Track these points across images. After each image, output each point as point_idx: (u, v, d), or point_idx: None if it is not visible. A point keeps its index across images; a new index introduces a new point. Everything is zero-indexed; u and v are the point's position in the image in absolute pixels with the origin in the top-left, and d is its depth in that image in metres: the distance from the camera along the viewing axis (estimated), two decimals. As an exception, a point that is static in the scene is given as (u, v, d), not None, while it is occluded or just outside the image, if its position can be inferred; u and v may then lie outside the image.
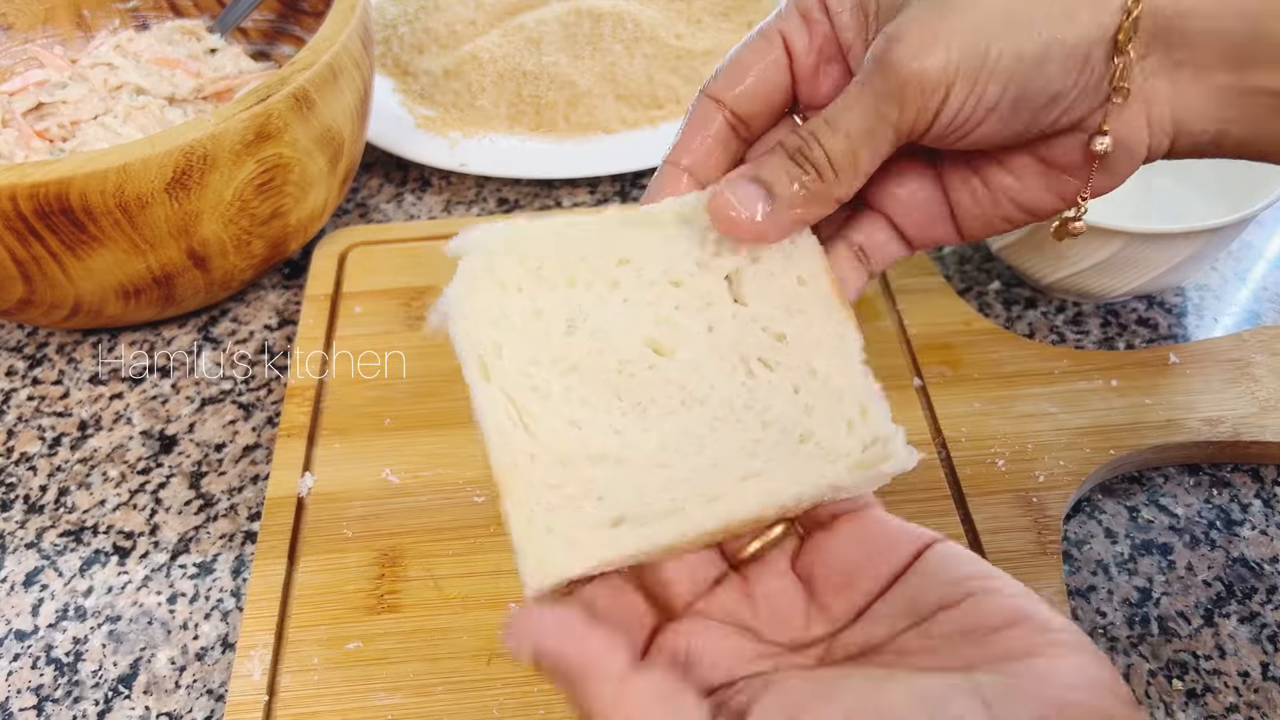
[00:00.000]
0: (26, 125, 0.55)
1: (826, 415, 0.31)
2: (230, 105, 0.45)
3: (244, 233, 0.49)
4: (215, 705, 0.40)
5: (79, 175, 0.42)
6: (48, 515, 0.47)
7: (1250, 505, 0.45)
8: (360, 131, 0.55)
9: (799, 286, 0.33)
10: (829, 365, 0.32)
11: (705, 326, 0.33)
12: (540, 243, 0.34)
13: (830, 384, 0.32)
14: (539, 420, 0.32)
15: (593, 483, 0.31)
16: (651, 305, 0.33)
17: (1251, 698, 0.38)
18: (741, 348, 0.33)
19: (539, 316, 0.33)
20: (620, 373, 0.32)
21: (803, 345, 0.32)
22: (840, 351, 0.32)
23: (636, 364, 0.32)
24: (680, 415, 0.32)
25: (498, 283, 0.33)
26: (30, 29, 0.61)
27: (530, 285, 0.34)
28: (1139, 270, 0.48)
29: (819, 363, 0.32)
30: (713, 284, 0.34)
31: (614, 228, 0.34)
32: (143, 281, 0.48)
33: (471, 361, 0.33)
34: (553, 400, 0.32)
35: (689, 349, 0.33)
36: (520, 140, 0.65)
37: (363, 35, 0.52)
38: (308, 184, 0.51)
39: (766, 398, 0.32)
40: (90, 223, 0.44)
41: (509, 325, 0.33)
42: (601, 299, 0.33)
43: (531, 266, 0.34)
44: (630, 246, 0.34)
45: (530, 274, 0.34)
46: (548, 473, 0.31)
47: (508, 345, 0.33)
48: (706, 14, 0.75)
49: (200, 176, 0.45)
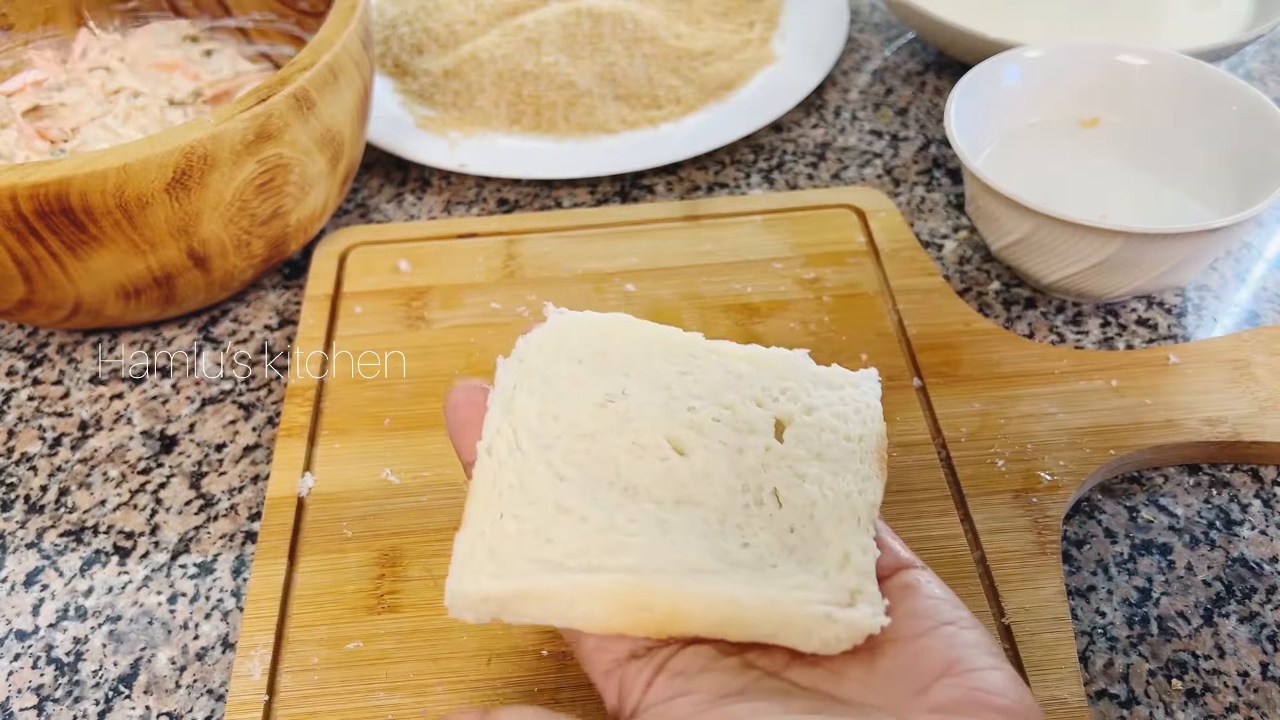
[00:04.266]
0: (28, 125, 0.55)
1: (804, 558, 0.31)
2: (230, 105, 0.45)
3: (244, 233, 0.49)
4: (215, 705, 0.40)
5: (79, 175, 0.42)
6: (48, 515, 0.47)
7: (1250, 505, 0.45)
8: (360, 132, 0.55)
9: (844, 442, 0.34)
10: (827, 514, 0.31)
11: (736, 447, 0.33)
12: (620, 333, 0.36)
13: (822, 531, 0.31)
14: (530, 458, 0.32)
15: (550, 525, 0.31)
16: (691, 411, 0.34)
17: (1251, 697, 0.38)
18: (761, 477, 0.32)
19: (580, 385, 0.34)
20: (629, 454, 0.33)
21: (816, 490, 0.32)
22: (847, 505, 0.32)
23: (650, 452, 0.33)
24: (667, 508, 0.31)
25: (565, 346, 0.36)
26: (30, 29, 0.60)
27: (591, 360, 0.35)
28: (1139, 270, 0.48)
29: (821, 510, 0.32)
30: (760, 419, 0.34)
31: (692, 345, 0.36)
32: (143, 282, 0.48)
33: (503, 392, 0.34)
34: (553, 452, 0.33)
35: (707, 457, 0.33)
36: (520, 140, 0.65)
37: (363, 36, 0.52)
38: (308, 184, 0.51)
39: (759, 526, 0.31)
40: (90, 223, 0.44)
41: (551, 381, 0.35)
42: (647, 391, 0.34)
43: (600, 349, 0.36)
44: (700, 365, 0.36)
45: (597, 353, 0.36)
46: (514, 504, 0.31)
47: (539, 395, 0.34)
48: (706, 14, 0.75)
49: (200, 177, 0.45)
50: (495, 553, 0.30)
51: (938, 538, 0.42)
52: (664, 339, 0.36)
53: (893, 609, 0.29)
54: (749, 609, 0.28)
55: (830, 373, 0.36)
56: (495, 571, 0.30)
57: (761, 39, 0.72)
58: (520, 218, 0.59)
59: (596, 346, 0.36)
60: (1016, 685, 0.27)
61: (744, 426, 0.34)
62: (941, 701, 0.26)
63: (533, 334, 0.36)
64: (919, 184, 0.62)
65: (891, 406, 0.47)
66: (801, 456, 0.33)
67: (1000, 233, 0.51)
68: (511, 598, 0.29)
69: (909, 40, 0.75)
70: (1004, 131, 0.57)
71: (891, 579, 0.30)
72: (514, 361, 0.35)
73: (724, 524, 0.31)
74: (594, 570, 0.29)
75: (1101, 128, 0.58)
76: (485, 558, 0.30)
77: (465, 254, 0.56)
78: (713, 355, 0.36)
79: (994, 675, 0.27)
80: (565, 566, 0.30)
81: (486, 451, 0.33)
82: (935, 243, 0.58)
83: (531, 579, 0.29)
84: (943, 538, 0.42)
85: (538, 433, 0.33)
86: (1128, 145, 0.57)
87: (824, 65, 0.68)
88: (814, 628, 0.28)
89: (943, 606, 0.29)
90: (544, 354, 0.35)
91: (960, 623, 0.29)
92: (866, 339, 0.50)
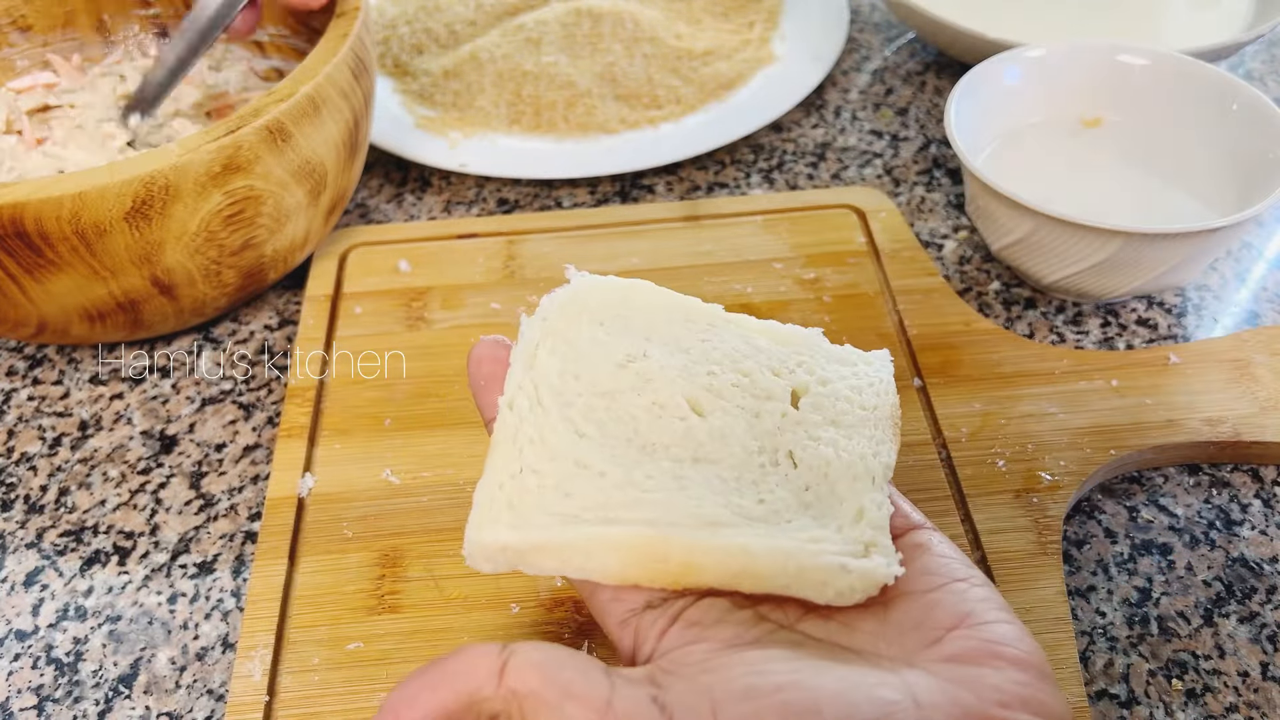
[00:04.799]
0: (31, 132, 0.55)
1: (819, 514, 0.31)
2: (195, 135, 0.44)
3: (212, 263, 0.48)
4: (215, 705, 0.40)
5: (33, 200, 0.41)
6: (48, 515, 0.47)
7: (1250, 505, 0.45)
8: (349, 161, 0.53)
9: (860, 411, 0.34)
10: (842, 473, 0.32)
11: (754, 411, 0.34)
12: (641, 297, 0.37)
13: (836, 489, 0.31)
14: (551, 415, 0.33)
15: (569, 480, 0.31)
16: (710, 375, 0.34)
17: (1251, 698, 0.38)
18: (777, 440, 0.33)
19: (601, 345, 0.35)
20: (648, 413, 0.33)
21: (831, 451, 0.33)
22: (861, 465, 0.32)
23: (669, 412, 0.33)
24: (685, 465, 0.32)
25: (586, 308, 0.36)
26: (49, 31, 0.60)
27: (612, 323, 0.36)
28: (1139, 270, 0.48)
29: (835, 469, 0.32)
30: (777, 387, 0.35)
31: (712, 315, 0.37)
32: (106, 307, 0.47)
33: (526, 349, 0.35)
34: (573, 410, 0.33)
35: (725, 419, 0.33)
36: (520, 140, 0.65)
37: (353, 65, 0.50)
38: (283, 216, 0.49)
39: (775, 484, 0.32)
40: (47, 248, 0.43)
41: (572, 341, 0.35)
42: (667, 354, 0.35)
43: (621, 312, 0.36)
44: (719, 333, 0.36)
45: (618, 316, 0.36)
46: (534, 459, 0.32)
47: (561, 354, 0.34)
48: (706, 14, 0.75)
49: (162, 207, 0.44)
50: (514, 504, 0.31)
51: (938, 538, 0.42)
52: (684, 306, 0.37)
53: (905, 565, 0.29)
54: (763, 560, 0.28)
55: (844, 351, 0.37)
56: (513, 522, 0.30)
57: (761, 39, 0.72)
58: (520, 218, 0.59)
59: (618, 309, 0.36)
60: (1027, 638, 0.27)
61: (761, 393, 0.34)
62: (954, 651, 0.27)
63: (556, 293, 0.36)
64: (919, 184, 0.62)
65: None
66: (817, 422, 0.34)
67: (1000, 233, 0.51)
68: (529, 549, 0.29)
69: (909, 40, 0.75)
70: (1004, 131, 0.57)
71: (904, 538, 0.31)
72: (537, 320, 0.36)
73: (740, 481, 0.32)
74: (611, 523, 0.30)
75: (1102, 128, 0.58)
76: (504, 509, 0.30)
77: (465, 254, 0.56)
78: (731, 325, 0.37)
79: (1005, 628, 0.27)
80: (582, 519, 0.30)
81: (508, 406, 0.33)
82: (935, 243, 0.58)
83: (549, 531, 0.30)
84: (943, 538, 0.42)
85: (559, 390, 0.33)
86: (1128, 145, 0.57)
87: (824, 65, 0.68)
88: (828, 578, 0.28)
89: (954, 564, 0.29)
90: (565, 314, 0.36)
91: (971, 580, 0.29)
92: (867, 339, 0.50)
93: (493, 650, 0.26)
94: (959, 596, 0.28)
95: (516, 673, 0.26)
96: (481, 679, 0.26)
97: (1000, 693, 0.25)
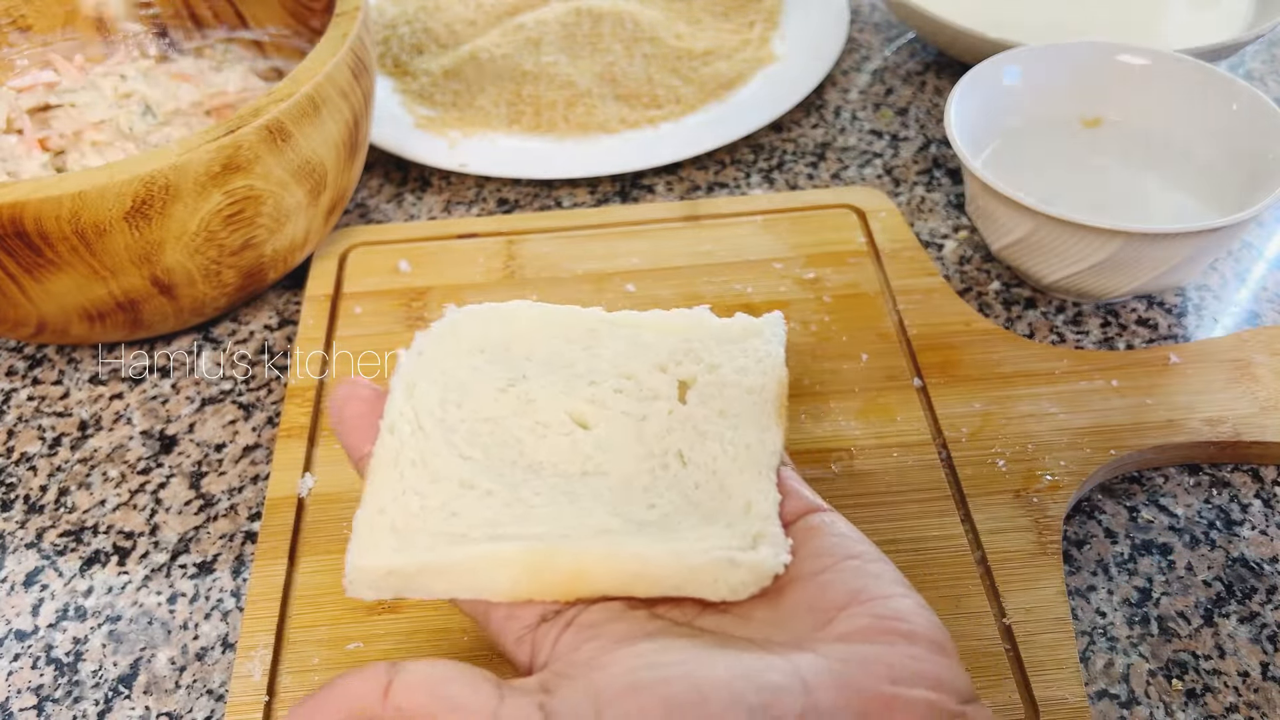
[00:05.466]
0: (32, 132, 0.55)
1: (709, 511, 0.31)
2: (196, 135, 0.44)
3: (212, 263, 0.48)
4: (215, 705, 0.40)
5: (33, 200, 0.41)
6: (48, 515, 0.47)
7: (1250, 505, 0.45)
8: (349, 161, 0.53)
9: (746, 395, 0.34)
10: (729, 467, 0.32)
11: (640, 415, 0.34)
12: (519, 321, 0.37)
13: (725, 484, 0.31)
14: (433, 439, 0.32)
15: (454, 500, 0.31)
16: (593, 386, 0.34)
17: (1251, 698, 0.38)
18: (666, 441, 0.33)
19: (480, 373, 0.35)
20: (533, 434, 0.33)
21: (717, 446, 0.32)
22: (747, 456, 0.32)
23: (553, 430, 0.33)
24: (574, 480, 0.32)
25: (464, 339, 0.36)
26: (49, 31, 0.60)
27: (491, 350, 0.36)
28: (1139, 270, 0.48)
29: (722, 464, 0.32)
30: (664, 384, 0.35)
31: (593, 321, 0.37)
32: (106, 306, 0.47)
33: (405, 379, 0.34)
34: (456, 435, 0.33)
35: (611, 429, 0.33)
36: (520, 140, 0.65)
37: (353, 65, 0.50)
38: (283, 216, 0.49)
39: (665, 487, 0.32)
40: (47, 247, 0.43)
41: (451, 372, 0.35)
42: (548, 372, 0.35)
43: (500, 338, 0.36)
44: (601, 339, 0.36)
45: (498, 343, 0.36)
46: (417, 481, 0.31)
47: (440, 384, 0.34)
48: (706, 14, 0.75)
49: (162, 206, 0.44)
50: (398, 528, 0.30)
51: (938, 538, 0.42)
52: (565, 319, 0.37)
53: (797, 549, 0.29)
54: (654, 562, 0.28)
55: (732, 325, 0.37)
56: (398, 545, 0.30)
57: (761, 39, 0.72)
58: (520, 218, 0.59)
59: (497, 336, 0.36)
60: (923, 611, 0.27)
61: (647, 394, 0.34)
62: (846, 630, 0.26)
63: (432, 328, 0.36)
64: (919, 184, 0.62)
65: (892, 406, 0.47)
66: (704, 415, 0.33)
67: (1000, 233, 0.51)
68: (416, 571, 0.29)
69: (909, 40, 0.75)
70: (1004, 131, 0.57)
71: (798, 523, 0.31)
72: (414, 354, 0.35)
73: (630, 489, 0.32)
74: (500, 540, 0.29)
75: (1102, 128, 0.58)
76: (387, 532, 0.30)
77: (465, 254, 0.56)
78: (616, 328, 0.36)
79: (900, 602, 0.27)
80: (470, 538, 0.30)
81: (389, 430, 0.33)
82: (935, 243, 0.58)
83: (436, 551, 0.29)
84: (943, 538, 0.42)
85: (440, 417, 0.33)
86: (1128, 145, 0.57)
87: (824, 65, 0.68)
88: (719, 574, 0.28)
89: (847, 542, 0.29)
90: (443, 347, 0.36)
91: (864, 556, 0.29)
92: (867, 339, 0.50)
93: (381, 669, 0.26)
94: (851, 574, 0.28)
95: (403, 690, 0.26)
96: (369, 698, 0.26)
97: (892, 669, 0.25)
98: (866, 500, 0.43)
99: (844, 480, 0.44)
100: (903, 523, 0.42)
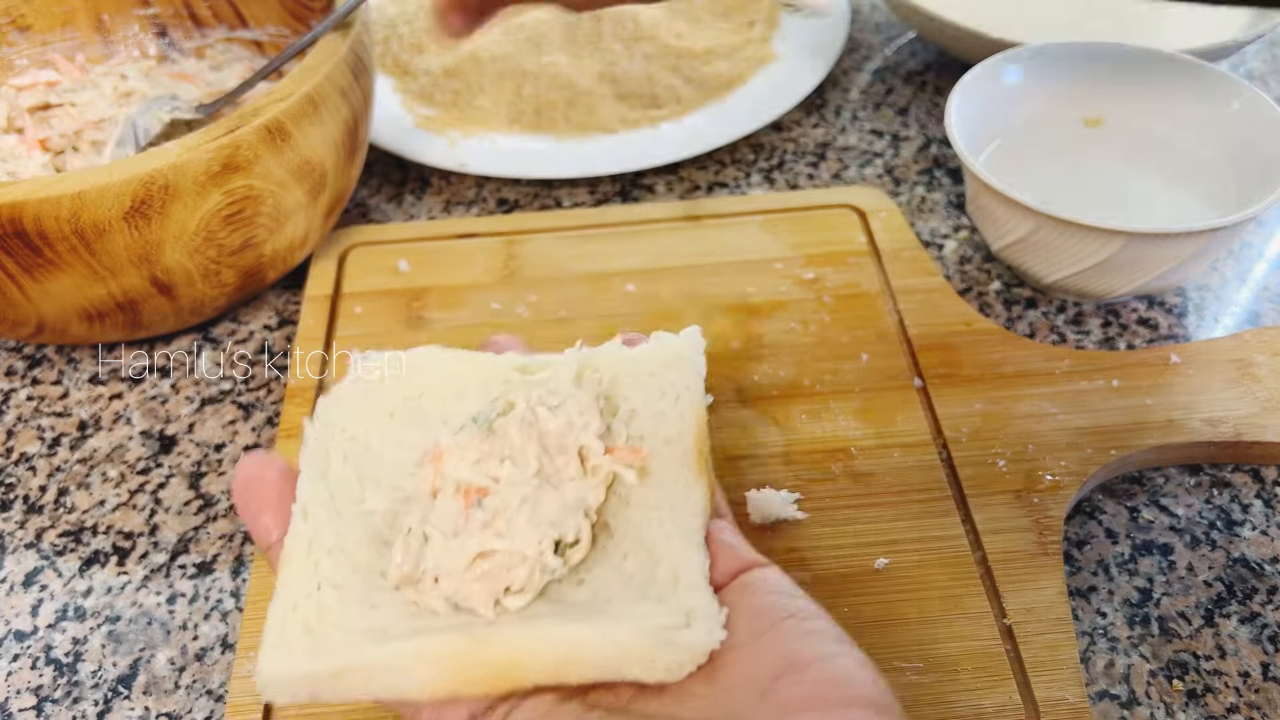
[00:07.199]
0: (33, 132, 0.55)
1: (640, 584, 0.29)
2: (195, 135, 0.44)
3: (211, 263, 0.48)
4: (215, 705, 0.40)
5: (32, 200, 0.41)
6: (47, 515, 0.47)
7: (1251, 505, 0.45)
8: (348, 161, 0.53)
9: (664, 447, 0.32)
10: (655, 534, 0.30)
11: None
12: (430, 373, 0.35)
13: (653, 552, 0.30)
14: (350, 526, 0.31)
15: (374, 591, 0.29)
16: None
17: (1252, 698, 0.38)
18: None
19: (393, 441, 0.33)
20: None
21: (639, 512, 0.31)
22: (673, 521, 0.30)
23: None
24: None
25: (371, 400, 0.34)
26: (49, 30, 0.60)
27: (402, 410, 0.34)
28: (1139, 270, 0.48)
29: (647, 531, 0.30)
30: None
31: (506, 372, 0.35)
32: (105, 306, 0.47)
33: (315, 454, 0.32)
34: (375, 517, 0.31)
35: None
36: (520, 140, 0.65)
37: (353, 65, 0.50)
38: (283, 216, 0.49)
39: (593, 561, 0.30)
40: (46, 247, 0.43)
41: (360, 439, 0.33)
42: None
43: (411, 394, 0.34)
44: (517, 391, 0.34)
45: (408, 400, 0.34)
46: (333, 571, 0.30)
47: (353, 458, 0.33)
48: (706, 13, 0.74)
49: (161, 206, 0.43)
50: (311, 628, 0.28)
51: (939, 538, 0.42)
52: (477, 371, 0.35)
53: (732, 615, 0.28)
54: (586, 646, 0.27)
55: (646, 356, 0.34)
56: (311, 647, 0.28)
57: (761, 38, 0.72)
58: (520, 218, 0.59)
59: (406, 392, 0.34)
60: (862, 670, 0.26)
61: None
62: (781, 701, 0.25)
63: (334, 391, 0.34)
64: (919, 184, 0.62)
65: (892, 406, 0.47)
66: (626, 480, 0.32)
67: (1001, 232, 0.51)
68: (332, 674, 0.27)
69: (909, 40, 0.75)
70: (1004, 131, 0.57)
71: (731, 584, 0.29)
72: (318, 425, 0.33)
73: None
74: (422, 633, 0.27)
75: (1103, 127, 0.58)
76: (299, 633, 0.28)
77: (465, 254, 0.56)
78: (529, 379, 0.34)
79: (838, 663, 0.26)
80: (390, 634, 0.28)
81: (302, 515, 0.31)
82: (936, 242, 0.58)
83: (354, 651, 0.27)
84: (944, 538, 0.42)
85: (357, 498, 0.31)
86: (1128, 145, 0.57)
87: (824, 65, 0.68)
88: (655, 655, 0.27)
89: (783, 600, 0.28)
90: (350, 411, 0.34)
91: (800, 614, 0.28)
92: (867, 339, 0.50)
93: None
94: (789, 636, 0.27)
95: None
96: None
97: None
98: (866, 500, 0.43)
99: (844, 480, 0.44)
100: (903, 523, 0.42)
